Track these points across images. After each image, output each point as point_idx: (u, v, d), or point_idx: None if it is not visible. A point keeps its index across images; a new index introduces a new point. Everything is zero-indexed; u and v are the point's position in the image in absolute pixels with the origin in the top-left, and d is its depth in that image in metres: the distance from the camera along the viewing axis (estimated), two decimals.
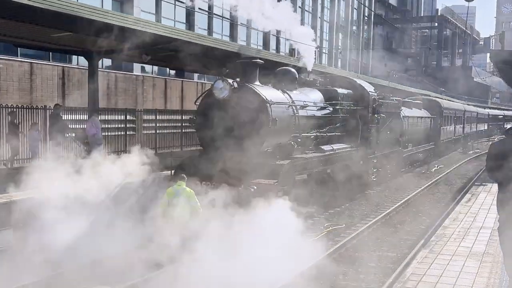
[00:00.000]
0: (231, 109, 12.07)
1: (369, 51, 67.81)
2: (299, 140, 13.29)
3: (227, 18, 33.09)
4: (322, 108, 15.39)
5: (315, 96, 15.46)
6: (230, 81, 12.04)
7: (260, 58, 13.46)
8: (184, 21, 29.97)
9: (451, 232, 10.64)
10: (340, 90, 16.60)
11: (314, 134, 14.59)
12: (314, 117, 14.71)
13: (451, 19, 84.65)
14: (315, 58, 17.62)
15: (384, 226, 13.71)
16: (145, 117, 22.47)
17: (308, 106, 14.39)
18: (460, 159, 33.55)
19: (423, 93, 40.33)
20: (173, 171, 12.09)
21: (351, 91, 17.19)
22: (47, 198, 9.31)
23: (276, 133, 12.39)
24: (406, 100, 25.89)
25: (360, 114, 17.04)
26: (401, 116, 22.62)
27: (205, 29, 31.47)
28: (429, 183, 20.99)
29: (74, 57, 21.76)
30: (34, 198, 9.64)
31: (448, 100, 42.24)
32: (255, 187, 10.89)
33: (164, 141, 22.92)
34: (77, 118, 18.28)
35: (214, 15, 31.87)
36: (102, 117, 18.45)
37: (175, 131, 23.81)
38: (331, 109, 15.72)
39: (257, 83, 12.81)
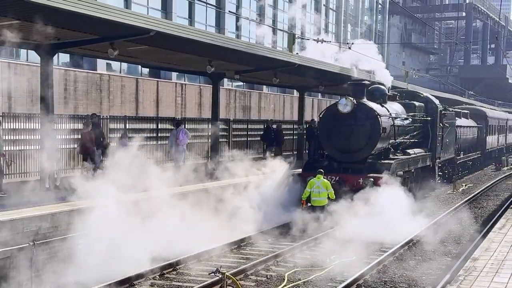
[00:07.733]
0: (352, 120, 18.97)
1: (384, 46, 68.27)
2: (390, 146, 20.14)
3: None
4: (406, 119, 22.52)
5: (398, 108, 22.28)
6: (351, 98, 18.89)
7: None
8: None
9: (482, 265, 10.59)
10: (417, 104, 24.06)
11: (401, 140, 21.53)
12: (402, 126, 21.86)
13: (482, 8, 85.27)
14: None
15: (398, 260, 13.80)
16: (110, 125, 22.31)
17: (399, 117, 21.46)
18: (492, 176, 33.81)
19: (446, 97, 41.16)
20: (301, 170, 19.52)
21: (422, 104, 24.73)
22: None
23: (382, 139, 19.40)
24: (455, 109, 31.74)
25: (430, 124, 24.22)
26: (455, 125, 29.11)
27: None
28: (454, 207, 21.22)
29: (23, 52, 21.59)
30: None
31: (492, 109, 49.50)
32: (372, 179, 17.84)
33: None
34: (25, 127, 17.68)
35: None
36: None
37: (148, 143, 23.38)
38: (410, 119, 22.84)
39: (365, 99, 19.64)
